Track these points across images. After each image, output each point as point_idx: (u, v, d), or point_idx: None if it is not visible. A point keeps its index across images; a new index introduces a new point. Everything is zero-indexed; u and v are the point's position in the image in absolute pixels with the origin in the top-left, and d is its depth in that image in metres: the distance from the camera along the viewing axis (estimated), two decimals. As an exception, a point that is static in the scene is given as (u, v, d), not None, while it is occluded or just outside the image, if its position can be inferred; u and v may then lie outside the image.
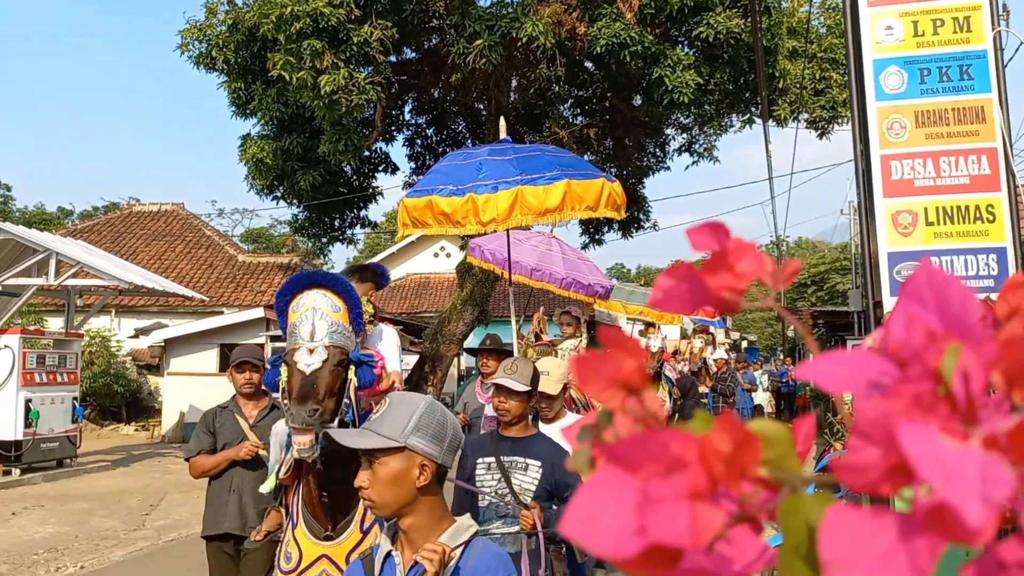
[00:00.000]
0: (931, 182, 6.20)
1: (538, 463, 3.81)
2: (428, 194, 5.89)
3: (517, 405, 3.89)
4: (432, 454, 2.12)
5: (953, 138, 6.20)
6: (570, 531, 0.35)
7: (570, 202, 5.74)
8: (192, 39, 17.22)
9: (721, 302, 0.42)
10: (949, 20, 6.32)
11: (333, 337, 3.29)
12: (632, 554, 0.33)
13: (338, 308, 3.37)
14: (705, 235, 0.43)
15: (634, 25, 14.46)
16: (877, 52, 6.40)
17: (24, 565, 7.90)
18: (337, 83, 14.13)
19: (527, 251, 9.81)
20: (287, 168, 17.99)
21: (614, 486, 0.34)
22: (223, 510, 4.97)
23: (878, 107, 6.34)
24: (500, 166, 5.92)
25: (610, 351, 0.41)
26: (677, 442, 0.34)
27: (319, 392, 3.21)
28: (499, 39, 14.40)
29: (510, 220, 5.73)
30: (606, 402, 0.39)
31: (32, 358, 12.91)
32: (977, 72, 6.28)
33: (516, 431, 3.94)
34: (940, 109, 6.25)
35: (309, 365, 3.22)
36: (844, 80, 18.06)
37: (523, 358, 4.26)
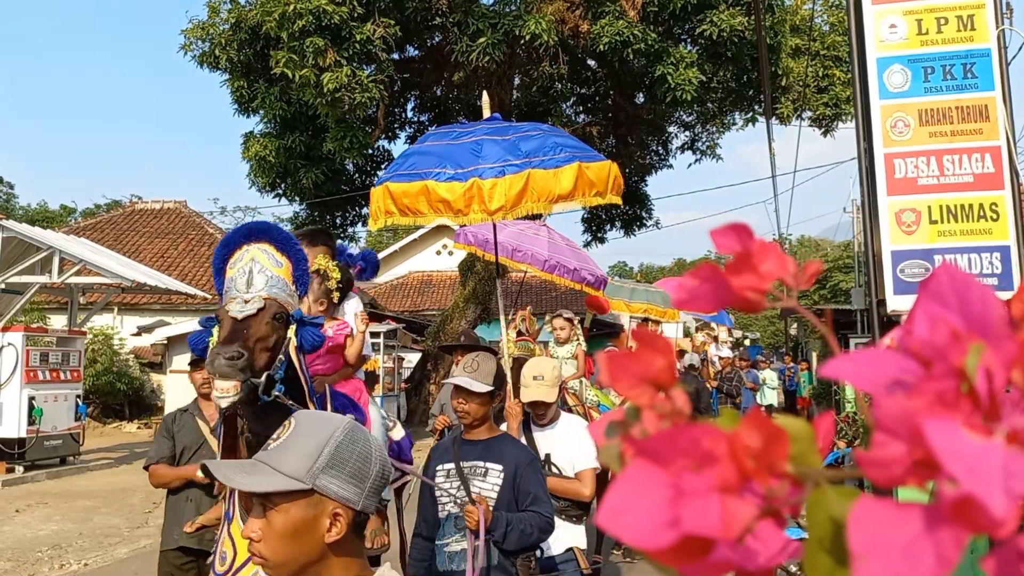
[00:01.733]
0: (935, 180, 6.20)
1: (499, 467, 3.47)
2: (421, 179, 5.23)
3: (478, 407, 3.52)
4: (349, 498, 1.58)
5: (957, 136, 6.20)
6: (604, 523, 0.36)
7: (582, 187, 5.20)
8: (195, 38, 17.24)
9: (745, 302, 0.43)
10: (953, 18, 6.32)
11: (272, 290, 2.98)
12: (665, 545, 0.34)
13: (280, 264, 3.07)
14: (728, 236, 0.44)
15: (637, 23, 14.46)
16: (881, 50, 6.40)
17: (28, 562, 7.92)
18: (340, 81, 14.15)
19: (511, 234, 8.97)
20: (290, 166, 18.04)
21: (646, 480, 0.35)
22: (179, 522, 4.61)
23: (882, 105, 6.33)
24: (501, 147, 5.35)
25: (640, 349, 0.42)
26: (708, 437, 0.35)
27: (248, 339, 2.87)
28: (502, 37, 14.41)
29: (520, 207, 5.18)
30: (635, 399, 0.41)
31: (35, 356, 12.94)
32: (981, 70, 6.28)
33: (479, 434, 3.60)
34: (944, 107, 6.25)
35: (241, 311, 2.90)
36: (847, 77, 18.06)
37: (485, 353, 3.85)
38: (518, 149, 5.27)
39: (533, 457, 3.61)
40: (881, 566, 0.30)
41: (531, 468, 3.49)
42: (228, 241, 3.09)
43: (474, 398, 3.50)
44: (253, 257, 3.00)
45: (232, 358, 2.73)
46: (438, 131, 6.21)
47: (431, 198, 5.11)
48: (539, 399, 4.16)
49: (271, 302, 2.95)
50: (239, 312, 2.89)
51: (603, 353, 0.47)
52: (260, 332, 2.90)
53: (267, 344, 2.92)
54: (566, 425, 4.46)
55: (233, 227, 18.66)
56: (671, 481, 0.35)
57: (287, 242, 3.10)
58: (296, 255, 3.10)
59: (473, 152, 5.30)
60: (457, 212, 5.13)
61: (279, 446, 1.61)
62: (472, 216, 5.18)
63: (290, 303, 3.05)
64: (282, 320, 3.00)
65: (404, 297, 30.40)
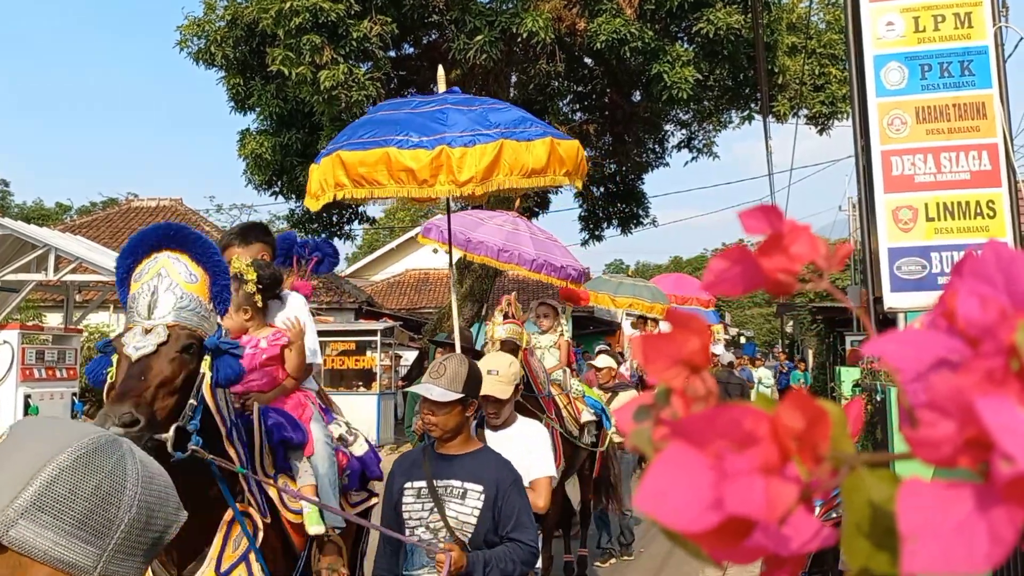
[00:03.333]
0: (932, 178, 6.21)
1: (479, 488, 3.01)
2: (381, 146, 4.71)
3: (448, 418, 3.05)
4: (72, 562, 1.00)
5: (954, 134, 6.21)
6: (644, 507, 0.35)
7: (554, 164, 4.82)
8: (191, 35, 17.21)
9: (776, 284, 0.42)
10: (950, 16, 6.32)
11: (180, 315, 2.51)
12: (707, 527, 0.34)
13: (194, 278, 2.59)
14: (758, 218, 0.44)
15: (634, 21, 14.46)
16: (878, 48, 6.40)
17: (25, 560, 7.92)
18: (336, 79, 14.13)
19: (492, 231, 8.58)
20: (286, 163, 18.01)
21: (684, 462, 0.35)
22: None
23: (879, 103, 6.34)
24: (470, 117, 4.87)
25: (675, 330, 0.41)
26: (748, 418, 0.35)
27: (146, 387, 2.39)
28: (499, 35, 14.40)
29: (491, 181, 4.70)
30: (669, 381, 0.40)
31: (31, 354, 12.89)
32: (978, 68, 6.28)
33: (454, 447, 3.12)
34: (941, 105, 6.25)
35: (139, 348, 2.42)
36: (843, 76, 18.07)
37: (457, 356, 3.44)
38: (487, 120, 4.85)
39: (517, 476, 3.16)
40: (932, 546, 0.30)
41: (515, 488, 3.08)
42: (134, 247, 2.64)
43: (441, 408, 3.04)
44: (161, 270, 2.55)
45: (124, 425, 2.26)
46: (392, 101, 5.78)
47: (392, 167, 4.64)
48: (489, 394, 3.65)
49: (178, 331, 2.50)
50: (135, 350, 2.42)
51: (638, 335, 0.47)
52: (163, 374, 2.45)
53: (173, 387, 2.47)
54: (522, 429, 4.02)
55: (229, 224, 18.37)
56: (712, 463, 0.34)
57: (204, 251, 2.64)
58: (215, 267, 2.66)
59: (438, 120, 4.84)
60: (422, 183, 4.67)
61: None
62: (439, 188, 4.71)
63: (204, 328, 2.60)
64: (193, 352, 2.54)
65: (401, 295, 30.38)
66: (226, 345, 2.64)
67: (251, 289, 3.52)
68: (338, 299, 21.25)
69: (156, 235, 2.63)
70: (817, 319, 20.11)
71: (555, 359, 7.90)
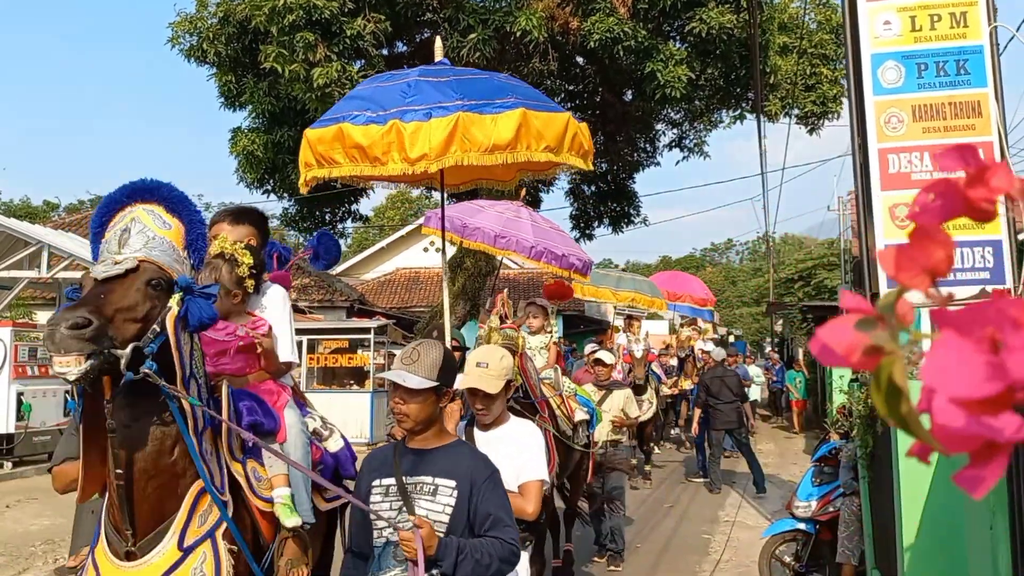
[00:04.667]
0: (928, 175, 6.26)
1: (452, 483, 2.80)
2: (337, 122, 4.53)
3: (419, 408, 2.83)
4: None
5: (950, 132, 6.27)
6: (930, 380, 0.40)
7: (525, 138, 4.45)
8: (183, 32, 17.18)
9: (979, 212, 0.48)
10: (946, 15, 6.38)
11: (152, 252, 2.47)
12: (988, 394, 0.39)
13: (168, 225, 2.57)
14: (953, 157, 0.49)
15: (627, 20, 14.51)
16: (875, 47, 6.46)
17: (21, 556, 7.90)
18: (330, 76, 14.13)
19: (491, 217, 8.34)
20: (278, 161, 17.98)
21: (959, 345, 0.41)
22: (80, 536, 4.00)
23: (876, 101, 6.40)
24: (436, 89, 4.59)
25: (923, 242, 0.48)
26: (1015, 307, 0.41)
27: (107, 303, 2.33)
28: (493, 33, 14.42)
29: (447, 157, 4.40)
30: (915, 286, 0.47)
31: (24, 351, 12.88)
32: (974, 67, 6.34)
33: (425, 441, 2.90)
34: (937, 103, 6.31)
35: (105, 272, 2.38)
36: (834, 75, 18.17)
37: (429, 340, 3.18)
38: (453, 91, 4.55)
39: (493, 470, 2.93)
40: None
41: (491, 483, 2.85)
42: (109, 202, 2.61)
43: (414, 397, 2.81)
44: (134, 218, 2.54)
45: (76, 326, 2.19)
46: (376, 75, 5.51)
47: (345, 144, 4.46)
48: (475, 386, 3.42)
49: (148, 265, 2.45)
50: (102, 272, 2.38)
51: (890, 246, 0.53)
52: (127, 299, 2.38)
53: (135, 314, 2.40)
54: (514, 428, 3.75)
55: None
56: (989, 342, 0.40)
57: (179, 202, 2.63)
58: (190, 216, 2.64)
59: (402, 93, 4.59)
60: (374, 160, 4.47)
61: None
62: (391, 166, 4.46)
63: (175, 268, 2.54)
64: (161, 288, 2.47)
65: (392, 294, 30.34)
66: (199, 288, 2.56)
67: (244, 272, 3.40)
68: (330, 297, 21.24)
69: (130, 188, 2.60)
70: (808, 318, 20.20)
71: (543, 360, 7.78)
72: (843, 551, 5.97)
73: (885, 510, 4.92)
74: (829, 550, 6.38)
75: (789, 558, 6.55)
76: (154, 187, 2.61)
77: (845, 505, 6.12)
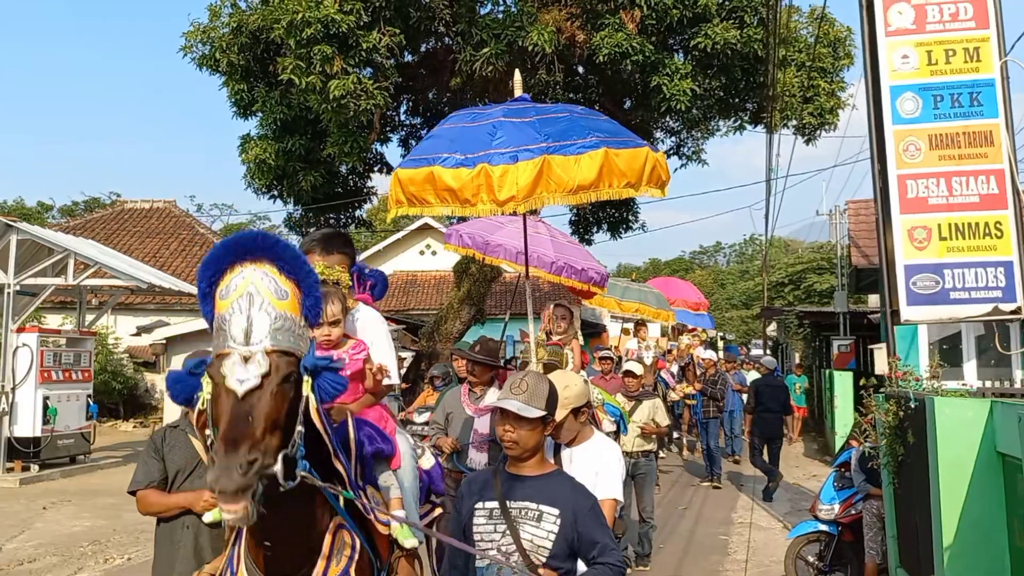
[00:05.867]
0: (944, 200, 6.72)
1: (555, 511, 2.93)
2: (428, 164, 4.74)
3: (528, 435, 2.98)
4: None
5: (964, 160, 6.72)
6: None
7: (607, 177, 4.63)
8: (195, 41, 17.45)
9: None
10: (960, 50, 6.83)
11: (277, 338, 2.30)
12: None
13: (284, 294, 2.36)
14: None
15: (636, 35, 14.91)
16: (894, 79, 6.90)
17: (73, 557, 8.23)
18: (346, 88, 14.45)
19: (512, 233, 8.39)
20: (288, 168, 18.27)
21: None
22: (175, 552, 4.02)
23: (895, 130, 6.84)
24: (520, 130, 4.75)
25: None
26: None
27: (257, 427, 2.20)
28: (506, 47, 14.80)
29: (534, 199, 4.59)
30: None
31: (49, 356, 13.16)
32: (986, 99, 6.80)
33: (528, 468, 3.03)
34: (952, 133, 6.76)
35: (243, 382, 2.22)
36: (831, 88, 18.67)
37: (536, 373, 3.29)
38: (537, 132, 4.73)
39: (594, 500, 3.10)
40: None
41: (593, 514, 3.00)
42: (217, 259, 2.39)
43: (524, 425, 2.96)
44: (250, 287, 2.32)
45: (244, 473, 2.11)
46: (457, 113, 5.66)
47: (437, 186, 4.68)
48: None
49: (278, 360, 2.29)
50: (239, 383, 2.22)
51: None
52: (269, 410, 2.25)
53: (278, 423, 2.28)
54: (596, 445, 3.88)
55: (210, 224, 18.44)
56: None
57: (293, 261, 2.41)
58: (305, 277, 2.44)
59: (489, 135, 4.78)
60: (464, 202, 4.67)
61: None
62: (480, 207, 4.66)
63: (300, 348, 2.39)
64: (294, 380, 2.36)
65: (389, 297, 30.60)
66: (324, 362, 2.46)
67: (346, 293, 3.43)
68: (335, 301, 21.52)
69: (240, 247, 2.37)
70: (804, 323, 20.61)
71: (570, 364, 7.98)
72: (869, 552, 6.41)
73: (913, 513, 5.35)
74: (851, 550, 6.82)
75: (812, 558, 6.98)
76: (267, 246, 2.37)
77: (867, 509, 6.55)
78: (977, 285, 6.60)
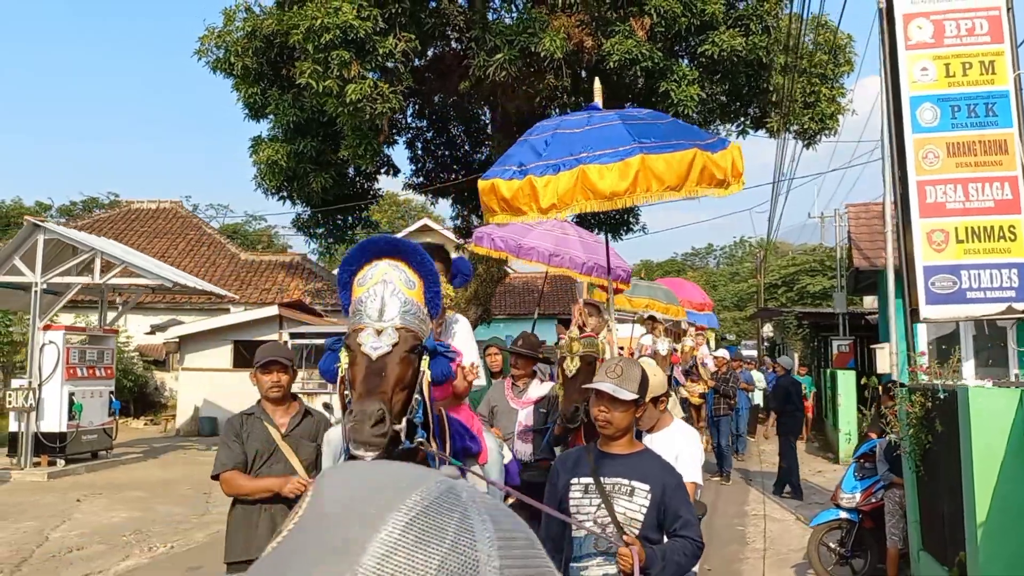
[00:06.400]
0: (961, 205, 7.09)
1: (646, 487, 3.17)
2: (491, 177, 5.16)
3: (621, 416, 3.20)
4: None
5: (980, 167, 7.11)
6: None
7: (644, 182, 4.80)
8: (210, 44, 17.75)
9: None
10: (976, 63, 7.21)
11: (406, 318, 2.70)
12: None
13: (412, 284, 2.78)
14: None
15: (645, 42, 15.29)
16: (914, 90, 7.28)
17: (118, 545, 8.52)
18: (363, 92, 14.78)
19: (541, 235, 8.75)
20: (299, 170, 18.58)
21: None
22: (253, 533, 4.22)
23: (915, 139, 7.22)
24: (567, 141, 5.11)
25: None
26: None
27: (388, 383, 2.61)
28: (518, 53, 15.15)
29: (573, 206, 4.93)
30: None
31: (74, 353, 13.43)
32: (1000, 109, 7.19)
33: (620, 447, 3.27)
34: (968, 141, 7.15)
35: (376, 348, 2.63)
36: (832, 94, 19.12)
37: (628, 359, 3.52)
38: (579, 143, 5.01)
39: (680, 477, 3.34)
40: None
41: (679, 490, 3.25)
42: (357, 256, 2.85)
43: (618, 406, 3.18)
44: (385, 276, 2.73)
45: (379, 422, 2.46)
46: (543, 123, 5.96)
47: (497, 197, 5.06)
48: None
49: (406, 334, 2.67)
50: (373, 350, 2.62)
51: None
52: (397, 372, 2.64)
53: (404, 384, 2.67)
54: (673, 432, 4.16)
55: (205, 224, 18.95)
56: None
57: (421, 259, 2.84)
58: (429, 274, 2.84)
59: (541, 148, 5.14)
60: (516, 211, 5.05)
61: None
62: (529, 215, 5.06)
63: (423, 331, 2.77)
64: (417, 353, 2.73)
65: (390, 297, 30.91)
66: (441, 347, 2.87)
67: (448, 303, 3.73)
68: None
69: (378, 245, 2.83)
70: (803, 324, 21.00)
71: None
72: (891, 537, 6.78)
73: (939, 499, 5.71)
74: (872, 536, 7.19)
75: (834, 544, 7.35)
76: (404, 248, 2.83)
77: (889, 497, 6.92)
78: (992, 285, 6.97)
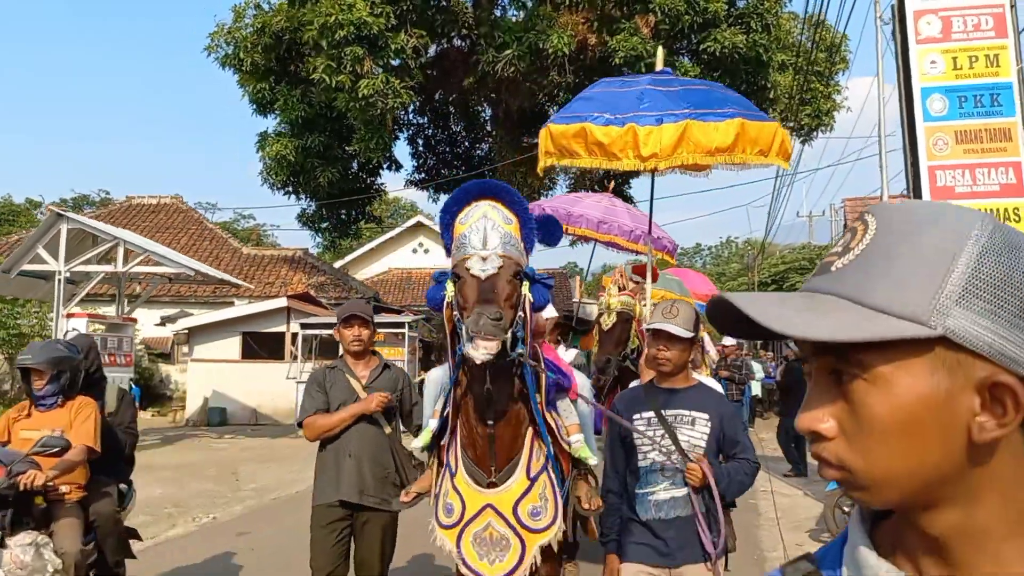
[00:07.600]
0: (969, 189, 7.56)
1: (706, 416, 3.39)
2: (580, 121, 5.30)
3: (679, 353, 3.37)
4: (1015, 356, 0.74)
5: (986, 153, 7.59)
6: None
7: (742, 144, 5.15)
8: (219, 41, 18.08)
9: None
10: (982, 56, 7.69)
11: (507, 248, 2.98)
12: None
13: (510, 220, 3.06)
14: None
15: (649, 39, 15.76)
16: (924, 82, 7.75)
17: (161, 517, 8.84)
18: (375, 87, 15.16)
19: (590, 206, 9.27)
20: (306, 164, 18.93)
21: None
22: (339, 477, 4.40)
23: (925, 127, 7.69)
24: (666, 97, 5.33)
25: None
26: None
27: (497, 297, 2.89)
28: (527, 50, 15.58)
29: (674, 157, 5.12)
30: None
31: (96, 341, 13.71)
32: (1005, 100, 7.67)
33: (677, 382, 3.46)
34: (975, 129, 7.63)
35: (484, 271, 2.92)
36: (827, 91, 19.67)
37: (684, 302, 3.55)
38: (682, 100, 5.28)
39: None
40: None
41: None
42: (459, 199, 3.13)
43: (676, 344, 3.35)
44: (484, 214, 3.02)
45: (497, 319, 2.78)
46: (606, 80, 6.41)
47: (588, 140, 5.23)
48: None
49: (508, 261, 2.96)
50: (481, 271, 2.92)
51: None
52: (504, 291, 2.93)
53: (510, 303, 2.96)
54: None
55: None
56: None
57: (515, 199, 3.12)
58: (523, 212, 3.13)
59: (635, 99, 5.34)
60: (611, 156, 5.19)
61: (856, 265, 0.78)
62: (625, 162, 5.18)
63: (522, 260, 3.07)
64: (519, 277, 3.02)
65: (386, 293, 31.22)
66: (539, 275, 3.15)
67: None
68: (346, 294, 22.17)
69: (477, 188, 3.14)
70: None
71: None
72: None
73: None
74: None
75: (849, 507, 7.80)
76: (499, 189, 3.14)
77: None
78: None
